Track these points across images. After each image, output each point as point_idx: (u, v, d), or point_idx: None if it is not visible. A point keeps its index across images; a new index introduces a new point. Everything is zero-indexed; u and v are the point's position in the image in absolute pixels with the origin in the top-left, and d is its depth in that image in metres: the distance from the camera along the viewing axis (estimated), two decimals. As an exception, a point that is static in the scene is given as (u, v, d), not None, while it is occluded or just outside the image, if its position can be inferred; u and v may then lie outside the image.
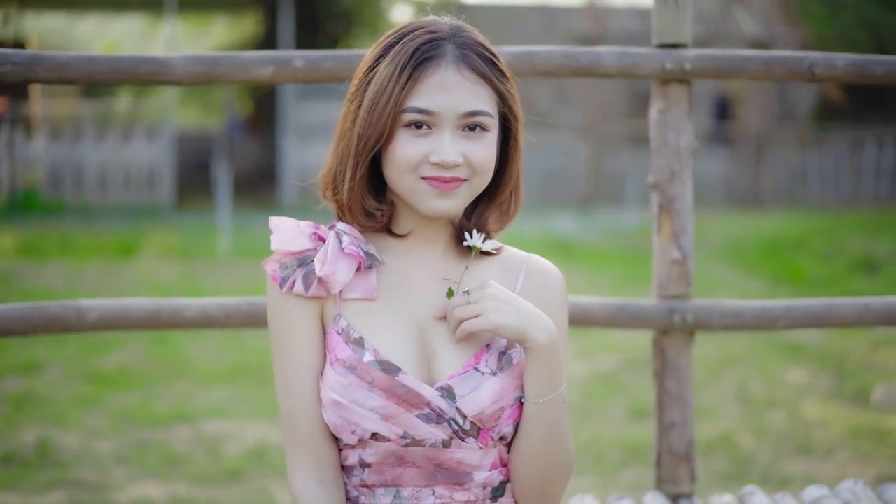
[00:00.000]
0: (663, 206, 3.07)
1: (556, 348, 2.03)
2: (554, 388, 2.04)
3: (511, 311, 2.00)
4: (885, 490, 2.95)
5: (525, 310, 2.01)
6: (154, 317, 2.94)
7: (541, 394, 2.04)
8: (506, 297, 2.02)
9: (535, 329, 2.01)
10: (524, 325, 2.00)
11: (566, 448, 2.10)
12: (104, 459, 5.58)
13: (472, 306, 2.01)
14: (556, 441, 2.08)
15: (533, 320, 2.01)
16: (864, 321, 3.19)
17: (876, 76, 3.06)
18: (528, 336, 2.01)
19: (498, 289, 2.03)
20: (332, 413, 2.05)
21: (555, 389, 2.04)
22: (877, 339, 8.56)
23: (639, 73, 3.00)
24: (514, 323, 2.00)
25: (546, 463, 2.09)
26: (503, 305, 2.00)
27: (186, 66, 2.83)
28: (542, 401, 2.05)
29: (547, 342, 2.02)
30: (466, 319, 2.02)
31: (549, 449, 2.08)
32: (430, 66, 2.02)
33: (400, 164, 2.03)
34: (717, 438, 6.07)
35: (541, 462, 2.09)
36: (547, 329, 2.02)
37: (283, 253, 2.10)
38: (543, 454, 2.08)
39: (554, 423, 2.06)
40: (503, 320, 2.00)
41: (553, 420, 2.06)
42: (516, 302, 2.02)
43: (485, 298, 2.01)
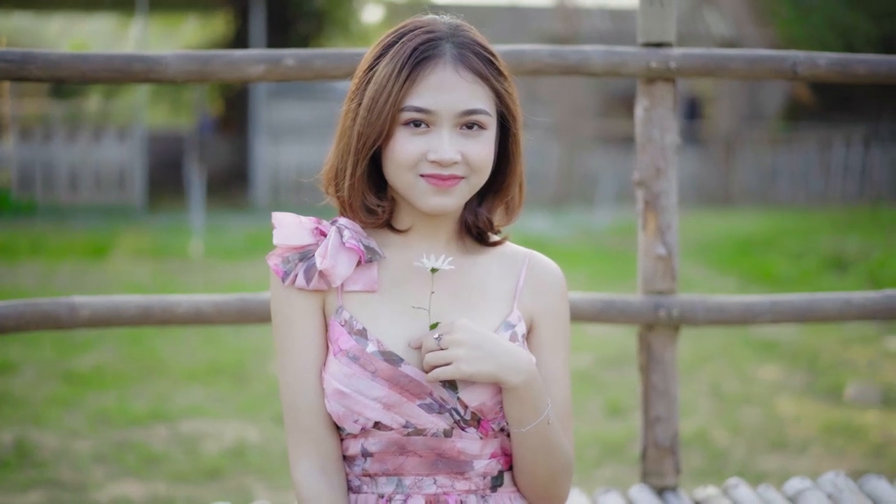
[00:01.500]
0: (649, 203, 3.11)
1: (532, 385, 2.06)
2: (535, 417, 2.08)
3: (481, 359, 2.02)
4: (867, 482, 3.00)
5: (497, 353, 2.03)
6: (146, 313, 2.95)
7: (523, 424, 2.09)
8: (476, 341, 2.02)
9: (507, 373, 2.03)
10: (496, 372, 2.03)
11: (561, 456, 2.15)
12: (82, 459, 5.57)
13: (443, 353, 2.02)
14: (548, 455, 2.13)
15: (505, 364, 2.03)
16: (845, 316, 3.24)
17: (858, 75, 3.11)
18: (502, 380, 2.04)
19: (469, 332, 2.03)
20: (336, 402, 2.08)
21: (536, 417, 2.08)
22: (849, 336, 8.65)
23: (625, 71, 3.04)
24: (486, 370, 2.02)
25: (544, 473, 2.15)
26: (473, 352, 2.01)
27: (179, 65, 2.85)
28: (525, 430, 2.09)
29: (522, 382, 2.04)
30: (437, 366, 2.04)
31: (543, 463, 2.13)
32: (429, 65, 2.06)
33: (399, 162, 2.07)
34: (692, 434, 6.11)
35: (539, 472, 2.15)
36: (520, 370, 2.04)
37: (286, 247, 2.13)
38: (540, 468, 2.14)
39: (542, 442, 2.11)
40: (474, 369, 2.02)
41: (541, 440, 2.11)
42: (488, 345, 2.03)
43: (455, 345, 2.02)
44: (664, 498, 3.11)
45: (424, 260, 2.09)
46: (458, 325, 2.04)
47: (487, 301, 2.17)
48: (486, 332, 2.05)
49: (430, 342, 2.04)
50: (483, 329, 2.05)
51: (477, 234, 2.21)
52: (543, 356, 2.20)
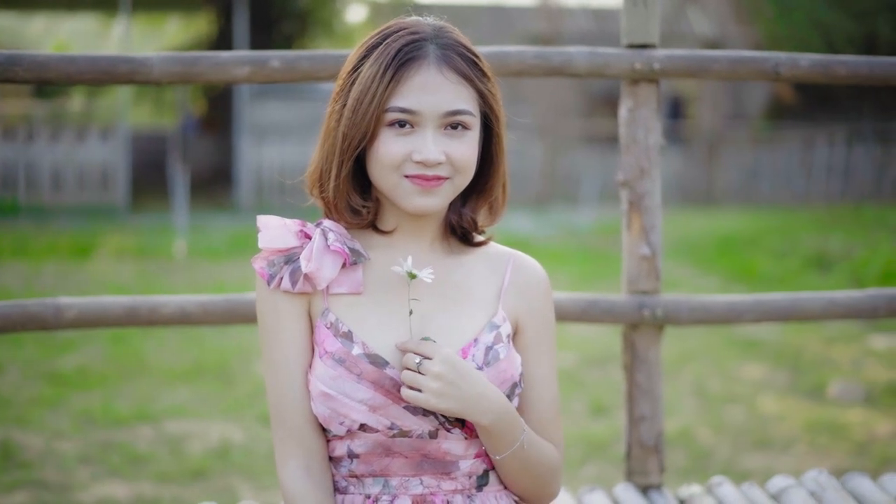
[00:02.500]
0: (633, 203, 3.12)
1: (503, 423, 2.07)
2: (507, 448, 2.11)
3: (452, 397, 2.02)
4: (849, 479, 3.02)
5: (469, 395, 2.04)
6: (132, 314, 2.95)
7: (496, 453, 2.12)
8: (453, 378, 2.03)
9: (475, 414, 2.05)
10: (464, 411, 2.04)
11: (544, 465, 2.18)
12: (67, 460, 5.57)
13: (419, 379, 2.03)
14: (529, 470, 2.16)
15: (475, 405, 2.04)
16: (828, 315, 3.27)
17: (838, 76, 3.14)
18: (470, 419, 2.06)
19: (448, 368, 2.03)
20: (321, 404, 2.09)
21: (509, 448, 2.11)
22: (831, 335, 8.68)
23: (609, 72, 3.06)
24: (454, 408, 2.04)
25: (528, 482, 2.18)
26: (446, 388, 2.02)
27: (164, 66, 2.86)
28: (500, 458, 2.13)
29: (489, 423, 2.06)
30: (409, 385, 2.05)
31: (525, 476, 2.17)
32: (413, 66, 2.07)
33: (383, 163, 2.08)
34: (676, 433, 6.13)
35: (523, 483, 2.18)
36: (490, 411, 2.06)
37: (271, 251, 2.14)
38: (522, 480, 2.18)
39: (520, 464, 2.14)
40: (442, 405, 2.03)
41: (518, 463, 2.14)
42: (462, 384, 2.03)
43: (431, 377, 2.02)
44: (649, 496, 3.12)
45: (397, 268, 2.09)
46: (442, 355, 2.04)
47: (472, 301, 2.18)
48: (467, 369, 2.05)
49: (410, 362, 2.04)
50: (464, 365, 2.05)
51: (461, 234, 2.22)
52: (530, 357, 2.21)
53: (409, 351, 2.06)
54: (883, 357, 8.01)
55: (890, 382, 7.21)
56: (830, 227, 15.00)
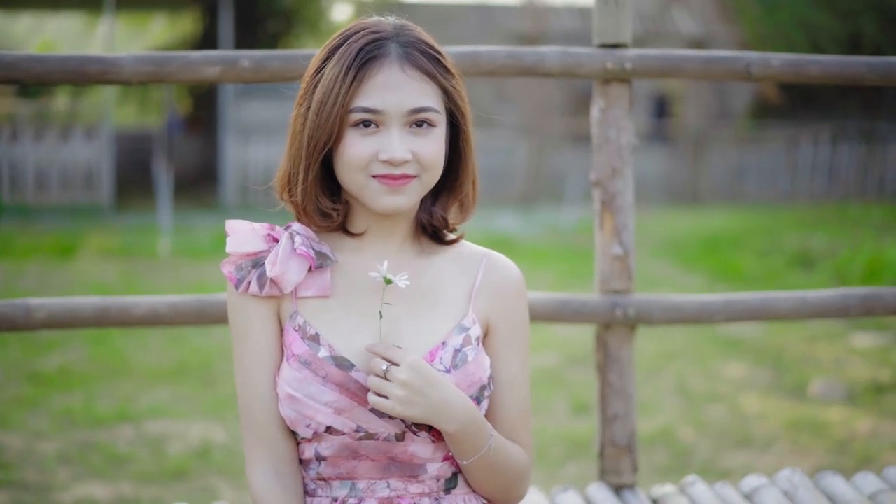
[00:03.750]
0: (605, 203, 3.12)
1: (469, 429, 2.07)
2: (474, 453, 2.10)
3: (418, 405, 2.02)
4: (822, 478, 3.03)
5: (436, 402, 2.03)
6: (103, 315, 2.95)
7: (463, 458, 2.11)
8: (419, 386, 2.02)
9: (441, 421, 2.04)
10: (430, 418, 2.04)
11: (512, 469, 2.17)
12: (48, 460, 5.55)
13: (385, 385, 2.02)
14: (496, 474, 2.15)
15: (441, 412, 2.03)
16: (799, 314, 3.27)
17: (811, 76, 3.15)
18: (436, 426, 2.06)
19: (415, 376, 2.02)
20: (288, 407, 2.09)
21: (475, 454, 2.10)
22: (813, 333, 8.70)
23: (581, 72, 3.06)
24: (419, 416, 2.03)
25: (496, 486, 2.18)
26: (412, 396, 2.01)
27: (134, 66, 2.85)
28: (467, 463, 2.12)
29: (454, 430, 2.06)
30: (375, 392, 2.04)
31: (493, 480, 2.16)
32: (375, 65, 2.06)
33: (350, 164, 2.07)
34: (657, 432, 6.14)
35: (491, 487, 2.18)
36: (455, 419, 2.05)
37: (239, 255, 2.14)
38: (490, 484, 2.17)
39: (488, 468, 2.13)
40: (409, 413, 2.02)
41: (486, 468, 2.13)
42: (429, 392, 2.03)
43: (398, 384, 2.02)
44: (622, 496, 3.13)
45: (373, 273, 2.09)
46: (409, 362, 2.03)
47: (442, 304, 2.17)
48: (434, 376, 2.04)
49: (377, 367, 2.04)
50: (431, 373, 2.04)
51: (432, 233, 2.21)
52: (500, 359, 2.20)
53: (378, 355, 2.05)
54: (864, 355, 8.03)
55: (871, 381, 7.23)
56: (814, 226, 15.05)
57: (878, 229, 14.03)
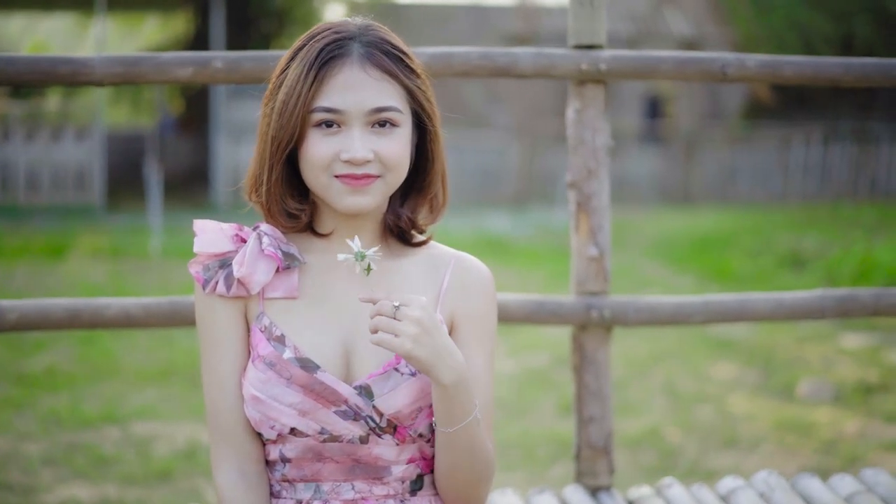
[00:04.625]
0: (580, 205, 3.12)
1: (462, 387, 2.02)
2: (462, 418, 2.05)
3: (427, 346, 1.97)
4: (799, 480, 3.02)
5: (441, 346, 1.98)
6: (74, 316, 2.94)
7: (449, 424, 2.06)
8: (429, 326, 1.97)
9: (442, 368, 1.99)
10: (433, 363, 1.98)
11: (484, 458, 2.12)
12: (32, 461, 5.53)
13: (394, 323, 1.97)
14: (473, 456, 2.10)
15: (443, 359, 1.99)
16: (777, 316, 3.26)
17: (785, 77, 3.14)
18: (434, 373, 2.00)
19: (426, 315, 1.98)
20: (252, 408, 2.09)
21: (464, 419, 2.05)
22: (803, 334, 8.70)
23: (555, 73, 3.05)
24: (425, 358, 1.97)
25: (465, 477, 2.12)
26: (423, 337, 1.96)
27: (106, 67, 2.84)
28: (451, 430, 2.06)
29: (451, 382, 2.00)
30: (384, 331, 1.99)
31: (468, 464, 2.11)
32: (336, 65, 2.05)
33: (313, 164, 2.06)
34: (644, 433, 6.14)
35: (462, 474, 2.12)
36: (454, 370, 2.00)
37: (206, 255, 2.14)
38: (464, 469, 2.11)
39: (468, 445, 2.08)
40: (417, 352, 1.96)
41: (466, 442, 2.08)
42: (436, 335, 1.98)
43: (409, 322, 1.96)
44: (598, 498, 3.12)
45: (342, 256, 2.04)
46: (419, 302, 1.99)
47: None
48: (440, 324, 2.01)
49: (387, 308, 1.98)
50: (437, 318, 2.01)
51: (400, 234, 2.20)
52: (463, 356, 2.17)
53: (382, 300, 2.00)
54: (853, 356, 8.03)
55: (860, 381, 7.23)
56: (806, 227, 15.05)
57: (870, 230, 14.03)
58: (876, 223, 15.09)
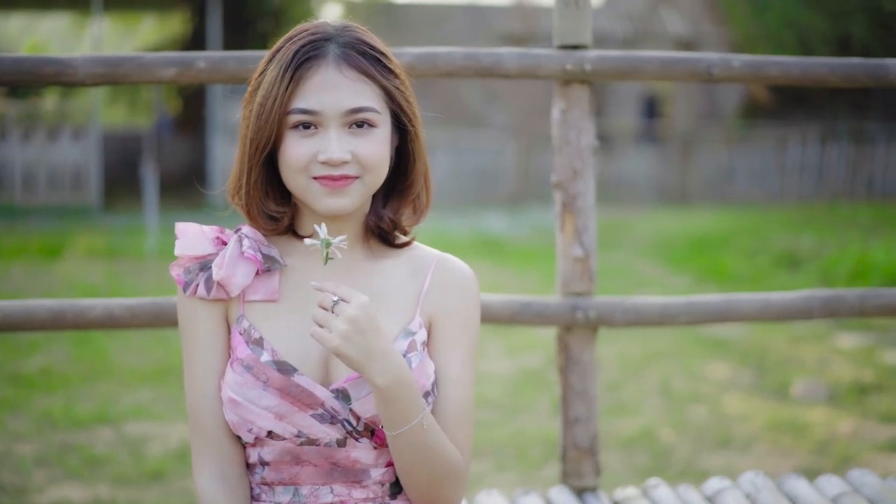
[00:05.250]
0: (566, 205, 3.11)
1: (399, 391, 1.99)
2: (405, 422, 2.02)
3: (357, 345, 1.96)
4: (785, 481, 3.02)
5: (374, 348, 1.96)
6: (58, 317, 2.93)
7: (391, 427, 2.03)
8: (363, 326, 1.96)
9: (373, 370, 1.97)
10: (363, 363, 1.97)
11: (443, 462, 2.09)
12: (25, 462, 5.53)
13: (329, 317, 1.96)
14: (426, 460, 2.07)
15: (375, 360, 1.97)
16: (763, 316, 3.26)
17: (772, 77, 3.13)
18: (365, 374, 1.98)
19: (361, 314, 1.96)
20: (230, 411, 2.08)
21: (406, 423, 2.02)
22: (798, 334, 8.70)
23: (540, 73, 3.04)
24: (354, 356, 1.96)
25: (424, 477, 2.09)
26: (355, 336, 1.95)
27: (88, 67, 2.84)
28: (395, 433, 2.03)
29: (383, 385, 1.98)
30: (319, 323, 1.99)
31: (421, 467, 2.08)
32: (312, 66, 2.05)
33: (291, 166, 2.06)
34: (638, 433, 6.14)
35: (418, 477, 2.09)
36: (387, 373, 1.98)
37: (187, 258, 2.13)
38: (417, 472, 2.09)
39: (417, 447, 2.05)
40: (345, 350, 1.95)
41: (414, 445, 2.04)
42: (370, 335, 1.96)
43: (343, 319, 1.96)
44: (583, 499, 3.11)
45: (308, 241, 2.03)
46: (361, 302, 1.97)
47: (389, 308, 2.15)
48: (378, 325, 1.98)
49: (326, 301, 1.98)
50: (377, 320, 1.99)
51: (382, 235, 2.19)
52: (441, 356, 2.16)
53: (329, 291, 2.00)
54: (848, 356, 8.03)
55: (854, 381, 7.23)
56: (803, 227, 15.05)
57: (867, 230, 14.02)
58: (872, 223, 15.09)
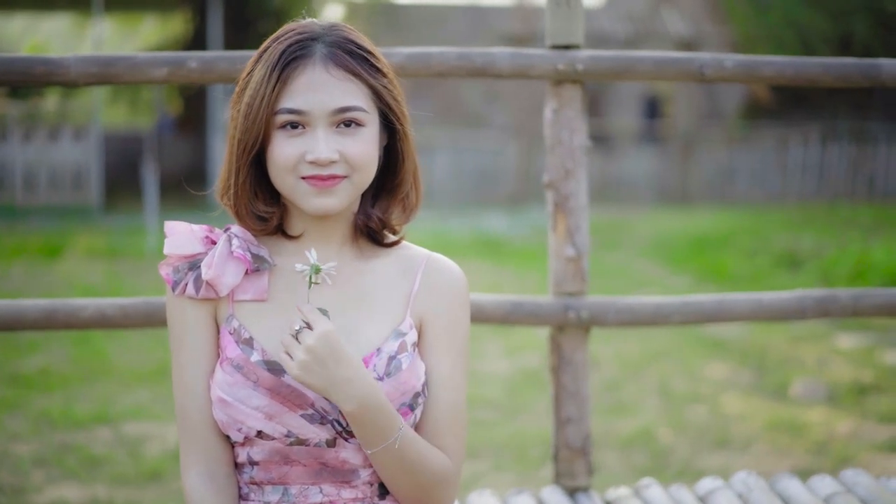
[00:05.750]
0: (558, 205, 3.11)
1: (367, 416, 2.01)
2: (381, 441, 2.04)
3: (317, 374, 1.98)
4: (778, 481, 3.02)
5: (336, 376, 1.98)
6: (50, 317, 2.93)
7: (367, 446, 2.05)
8: (322, 357, 1.98)
9: (338, 396, 1.99)
10: (326, 392, 2.00)
11: (427, 472, 2.10)
12: (23, 462, 5.53)
13: (293, 345, 1.99)
14: (408, 473, 2.08)
15: (339, 387, 1.99)
16: (756, 316, 3.26)
17: (765, 77, 3.13)
18: (332, 401, 2.01)
19: (322, 344, 1.98)
20: (220, 411, 2.08)
21: (383, 441, 2.04)
22: (798, 334, 8.69)
23: (532, 73, 3.04)
24: (316, 385, 1.99)
25: (409, 488, 2.11)
26: (314, 365, 1.97)
27: (80, 67, 2.84)
28: (371, 452, 2.05)
29: (351, 410, 2.00)
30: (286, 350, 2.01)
31: (404, 479, 2.10)
32: (299, 66, 2.05)
33: (279, 166, 2.06)
34: (637, 433, 6.13)
35: (402, 487, 2.11)
36: (351, 400, 1.99)
37: (176, 257, 2.13)
38: (401, 484, 2.11)
39: (396, 463, 2.06)
40: (305, 379, 1.99)
41: (393, 462, 2.06)
42: (330, 364, 1.98)
43: (303, 349, 1.98)
44: (575, 499, 3.11)
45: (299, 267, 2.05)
46: (321, 331, 1.99)
47: (379, 308, 2.15)
48: (341, 351, 2.00)
49: (292, 325, 2.02)
50: (340, 347, 2.00)
51: (370, 235, 2.19)
52: (430, 357, 2.16)
53: (301, 315, 2.02)
54: (848, 356, 8.02)
55: (853, 381, 7.22)
56: (803, 227, 15.04)
57: (867, 230, 14.02)
58: (873, 223, 15.08)
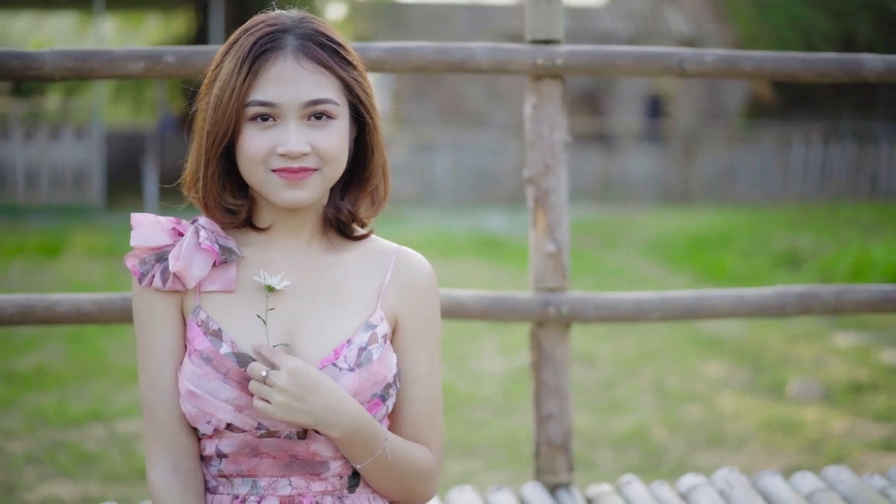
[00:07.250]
0: (538, 200, 3.10)
1: (355, 437, 2.03)
2: (368, 456, 2.07)
3: (300, 411, 1.99)
4: (760, 478, 3.01)
5: (316, 408, 2.00)
6: (25, 312, 2.93)
7: (354, 462, 2.09)
8: (299, 392, 1.99)
9: (325, 426, 2.01)
10: (314, 424, 2.01)
11: (412, 473, 2.13)
12: (15, 460, 5.53)
13: (265, 389, 1.99)
14: (396, 477, 2.12)
15: (323, 418, 2.00)
16: (737, 313, 3.25)
17: (744, 72, 3.12)
18: (320, 431, 2.03)
19: (295, 381, 1.99)
20: (188, 403, 2.07)
21: (370, 456, 2.07)
22: (794, 332, 8.68)
23: (511, 68, 3.03)
24: (302, 421, 2.00)
25: (397, 488, 2.15)
26: (293, 402, 1.98)
27: (57, 62, 2.84)
28: (359, 466, 2.09)
29: (339, 436, 2.03)
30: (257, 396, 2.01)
31: (391, 483, 2.13)
32: (269, 58, 2.04)
33: (249, 158, 2.05)
34: (631, 431, 6.13)
35: (391, 489, 2.15)
36: (338, 427, 2.01)
37: (143, 249, 2.12)
38: (389, 487, 2.14)
39: (384, 472, 2.10)
40: (290, 418, 1.99)
41: (382, 470, 2.10)
42: (309, 398, 2.00)
43: (277, 391, 1.99)
44: (556, 495, 3.10)
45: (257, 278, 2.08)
46: (290, 368, 2.00)
47: (349, 301, 2.15)
48: (316, 381, 2.01)
49: (256, 372, 2.01)
50: (313, 378, 2.01)
51: (340, 227, 2.19)
52: (407, 355, 2.17)
53: (264, 357, 2.03)
54: (844, 355, 8.01)
55: (849, 380, 7.21)
56: (804, 226, 15.02)
57: (868, 229, 13.99)
58: (874, 223, 15.06)
